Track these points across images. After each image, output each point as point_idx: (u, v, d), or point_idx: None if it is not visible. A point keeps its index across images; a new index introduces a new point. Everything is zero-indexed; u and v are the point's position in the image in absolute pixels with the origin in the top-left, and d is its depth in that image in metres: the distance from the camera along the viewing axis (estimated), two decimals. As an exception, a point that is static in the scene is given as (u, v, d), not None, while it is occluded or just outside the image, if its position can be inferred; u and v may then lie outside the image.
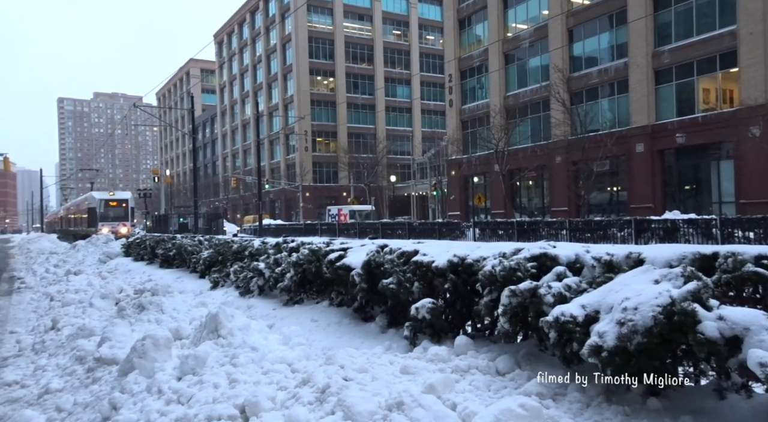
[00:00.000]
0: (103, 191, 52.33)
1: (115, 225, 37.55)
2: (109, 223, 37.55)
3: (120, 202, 39.51)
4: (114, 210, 38.89)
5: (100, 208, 38.35)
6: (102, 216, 38.19)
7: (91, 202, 39.63)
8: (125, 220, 38.71)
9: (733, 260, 3.05)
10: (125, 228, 37.29)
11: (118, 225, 37.70)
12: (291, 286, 7.18)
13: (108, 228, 36.21)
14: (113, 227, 37.03)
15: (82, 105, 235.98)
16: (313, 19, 64.16)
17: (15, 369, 5.90)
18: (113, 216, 38.65)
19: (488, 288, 4.12)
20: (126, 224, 38.12)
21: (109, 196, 40.17)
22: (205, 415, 3.53)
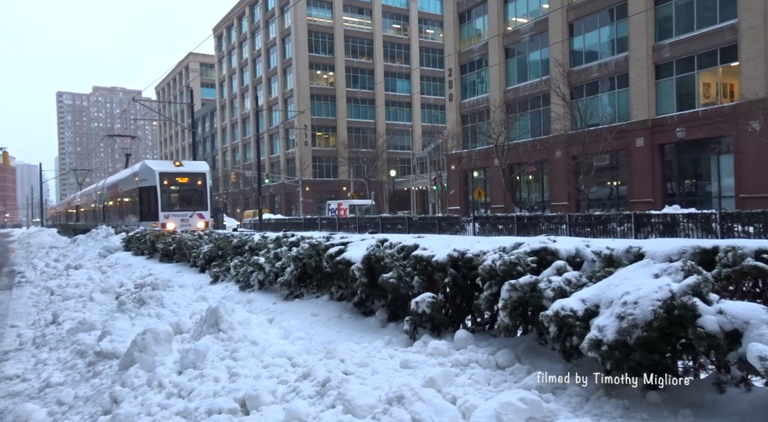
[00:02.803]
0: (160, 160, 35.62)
1: (186, 215, 23.65)
2: (176, 214, 23.49)
3: (193, 178, 24.40)
4: (183, 190, 24.33)
5: (161, 188, 23.49)
6: (165, 202, 23.66)
7: (145, 177, 24.18)
8: (201, 208, 24.12)
9: (733, 254, 3.05)
10: (202, 221, 23.87)
11: (191, 216, 23.72)
12: (291, 281, 7.19)
13: (174, 223, 22.70)
14: (184, 220, 23.47)
15: (81, 99, 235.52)
16: (313, 12, 63.90)
17: (16, 363, 5.91)
18: (182, 200, 24.18)
19: (488, 282, 4.13)
20: (203, 215, 24.12)
21: (175, 168, 24.45)
22: (205, 409, 3.54)
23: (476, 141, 39.74)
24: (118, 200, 30.29)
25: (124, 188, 28.44)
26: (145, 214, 24.10)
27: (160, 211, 23.21)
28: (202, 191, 24.63)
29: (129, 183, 26.78)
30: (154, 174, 23.65)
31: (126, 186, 27.73)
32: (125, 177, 28.68)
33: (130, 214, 26.75)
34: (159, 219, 22.87)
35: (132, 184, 25.90)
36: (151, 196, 23.70)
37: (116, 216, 30.96)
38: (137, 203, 25.07)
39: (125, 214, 28.25)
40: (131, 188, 26.19)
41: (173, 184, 24.10)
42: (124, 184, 28.54)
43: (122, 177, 29.95)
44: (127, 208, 27.92)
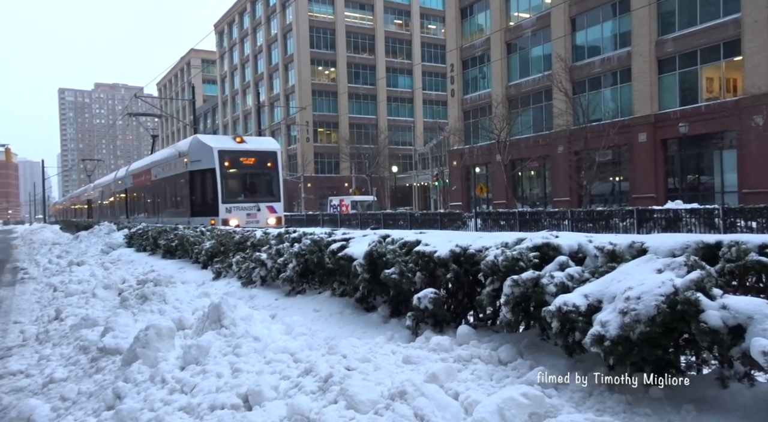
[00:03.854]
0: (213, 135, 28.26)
1: (252, 208, 18.00)
2: (240, 206, 17.89)
3: (261, 159, 18.77)
4: (250, 175, 18.69)
5: (221, 172, 17.76)
6: (228, 191, 17.98)
7: (198, 157, 18.42)
8: (272, 198, 18.68)
9: (736, 249, 3.04)
10: (273, 216, 18.36)
11: (259, 208, 18.14)
12: (293, 277, 7.19)
13: (238, 219, 17.33)
14: (250, 214, 17.96)
15: (83, 96, 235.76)
16: (314, 8, 63.75)
17: (19, 359, 5.93)
18: (248, 188, 18.59)
19: (490, 278, 4.12)
20: (274, 207, 18.58)
21: (236, 145, 18.61)
22: (208, 404, 3.54)
23: (478, 137, 39.67)
24: (153, 190, 23.99)
25: (162, 174, 22.04)
26: (199, 207, 18.39)
27: (220, 203, 17.19)
28: (273, 176, 18.78)
29: (172, 166, 20.66)
30: (212, 153, 17.43)
31: (167, 170, 21.45)
32: (165, 158, 22.10)
33: (173, 207, 21.05)
34: (219, 214, 17.05)
35: (177, 168, 19.91)
36: (208, 183, 17.86)
37: (148, 211, 24.99)
38: (185, 193, 19.27)
39: (164, 207, 22.30)
40: (176, 173, 20.13)
41: (236, 165, 18.06)
42: (163, 168, 22.05)
43: (160, 159, 23.13)
44: (169, 200, 21.81)
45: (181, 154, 20.01)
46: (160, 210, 23.14)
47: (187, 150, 19.38)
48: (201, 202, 18.68)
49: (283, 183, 19.65)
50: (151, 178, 24.27)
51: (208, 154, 18.06)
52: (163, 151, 24.81)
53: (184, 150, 19.91)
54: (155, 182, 23.53)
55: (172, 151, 21.87)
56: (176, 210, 21.00)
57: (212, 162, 17.85)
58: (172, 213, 21.23)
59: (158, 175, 23.03)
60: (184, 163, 19.44)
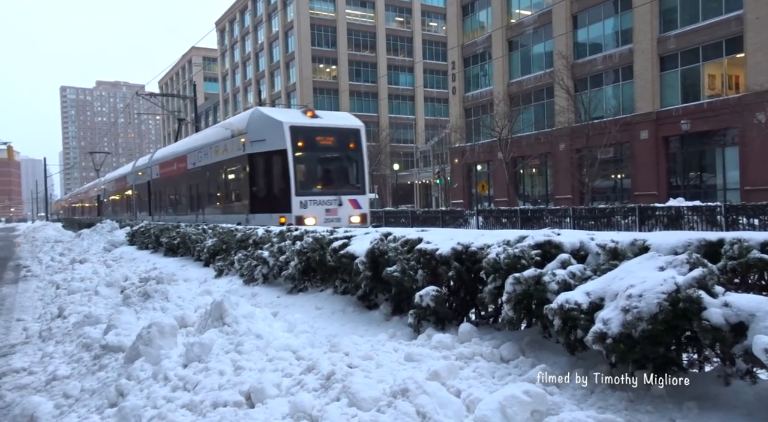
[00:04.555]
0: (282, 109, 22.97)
1: (332, 202, 14.36)
2: (318, 199, 14.24)
3: (342, 138, 15.10)
4: (329, 158, 15.27)
5: (293, 154, 14.04)
6: (303, 179, 14.35)
7: (262, 135, 14.78)
8: (355, 190, 15.01)
9: (738, 247, 3.03)
10: (358, 212, 14.71)
11: (341, 202, 14.46)
12: (295, 274, 7.20)
13: (315, 217, 13.94)
14: (330, 211, 14.28)
15: (84, 93, 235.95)
16: (315, 6, 63.64)
17: (23, 357, 5.95)
18: (327, 177, 15.15)
19: (492, 275, 4.12)
20: (358, 202, 14.81)
21: (309, 119, 14.86)
22: (211, 402, 3.55)
23: (479, 134, 39.63)
24: (190, 181, 19.85)
25: (205, 160, 18.03)
26: (263, 201, 14.55)
27: (293, 196, 13.32)
28: (357, 161, 14.72)
29: (221, 149, 16.57)
30: (281, 129, 13.59)
31: (213, 155, 17.36)
32: (210, 141, 17.87)
33: (223, 202, 16.83)
34: (292, 210, 13.25)
35: (230, 151, 15.95)
36: (276, 169, 14.03)
37: (183, 207, 21.15)
38: (242, 183, 15.34)
39: (208, 202, 18.16)
40: (228, 158, 16.08)
41: (312, 146, 14.07)
42: (206, 152, 18.01)
43: (201, 141, 18.88)
44: (216, 193, 17.66)
45: (236, 132, 15.63)
46: (200, 205, 19.11)
47: (246, 127, 15.13)
48: (266, 194, 14.60)
49: (366, 165, 15.06)
50: (187, 166, 20.09)
51: (277, 131, 13.89)
52: (206, 132, 20.08)
53: (240, 127, 15.54)
54: (194, 171, 19.31)
55: (220, 131, 17.51)
56: (227, 205, 16.79)
57: (282, 141, 13.69)
58: (219, 210, 17.35)
59: (199, 162, 18.82)
60: (240, 144, 15.20)
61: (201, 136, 20.77)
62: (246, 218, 14.88)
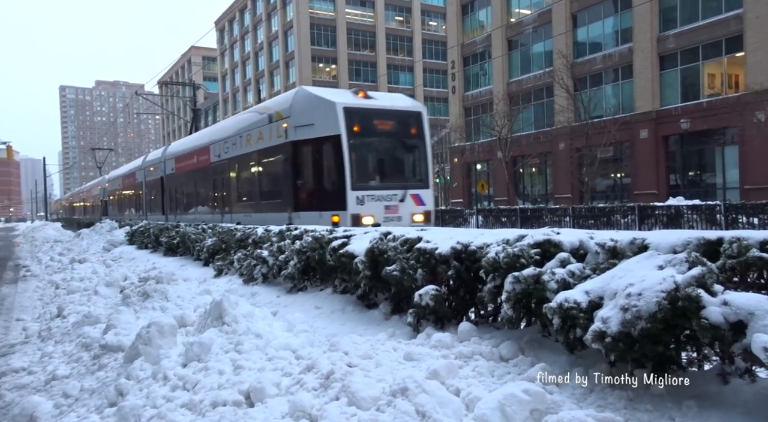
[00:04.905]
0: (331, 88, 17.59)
1: (393, 197, 11.97)
2: (376, 194, 11.83)
3: (402, 122, 12.69)
4: (388, 147, 12.87)
5: (349, 141, 11.64)
6: (360, 171, 12.08)
7: (309, 119, 12.32)
8: (418, 184, 12.65)
9: (737, 245, 3.03)
10: (421, 210, 12.33)
11: (402, 198, 12.07)
12: (294, 274, 7.20)
13: (373, 215, 11.58)
14: (390, 208, 11.94)
15: (84, 93, 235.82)
16: (315, 5, 63.61)
17: (22, 356, 5.95)
18: (386, 168, 12.89)
19: (492, 274, 4.12)
20: (422, 197, 12.37)
21: (363, 100, 12.53)
22: (210, 401, 3.55)
23: (479, 133, 39.64)
24: (216, 175, 17.66)
25: (235, 150, 15.84)
26: (310, 197, 12.37)
27: (349, 190, 11.38)
28: (419, 149, 12.69)
29: (256, 137, 14.46)
30: (334, 111, 11.60)
31: (245, 144, 15.17)
32: (242, 127, 15.64)
33: (258, 199, 14.73)
34: (348, 207, 11.29)
35: (267, 138, 13.79)
36: (327, 159, 11.97)
37: (204, 205, 19.07)
38: (283, 175, 13.14)
39: (239, 199, 16.05)
40: (265, 147, 13.97)
41: (370, 132, 12.14)
42: (236, 141, 15.85)
43: (231, 130, 16.54)
44: (249, 188, 15.62)
45: (275, 117, 13.45)
46: (227, 203, 16.99)
47: (289, 110, 12.86)
48: (314, 189, 12.38)
49: (430, 157, 12.91)
50: (209, 158, 17.83)
51: (329, 114, 11.74)
52: (235, 119, 17.60)
53: (281, 110, 13.30)
54: (219, 164, 17.12)
55: (253, 116, 15.21)
56: (262, 202, 14.57)
57: (335, 125, 11.55)
58: (251, 208, 15.17)
59: (225, 153, 16.59)
60: (280, 130, 13.05)
61: (229, 123, 17.78)
62: (288, 217, 12.56)
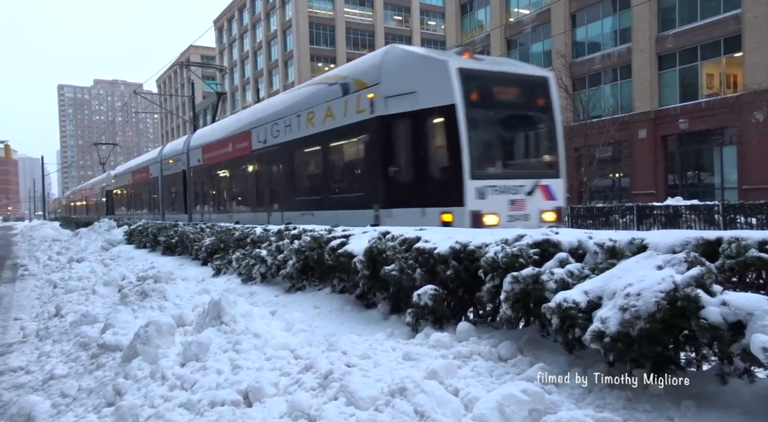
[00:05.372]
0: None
1: (520, 189, 9.10)
2: (501, 186, 8.88)
3: (528, 92, 9.77)
4: (512, 122, 9.87)
5: (467, 113, 8.64)
6: (481, 154, 9.15)
7: (409, 86, 9.30)
8: (549, 171, 9.85)
9: (736, 245, 3.03)
10: (552, 206, 9.52)
11: (531, 190, 9.19)
12: (293, 273, 7.19)
13: (497, 213, 8.76)
14: (516, 203, 9.02)
15: (82, 92, 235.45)
16: (314, 4, 63.58)
17: (20, 356, 5.94)
18: (511, 150, 10.27)
19: (490, 274, 4.12)
20: (552, 190, 9.57)
21: (477, 63, 9.45)
22: (208, 401, 3.55)
23: (478, 133, 39.63)
24: (259, 165, 14.96)
25: (292, 133, 12.87)
26: (409, 189, 9.66)
27: (466, 179, 8.84)
28: (549, 127, 10.22)
29: (325, 113, 11.56)
30: (447, 74, 8.96)
31: (307, 125, 12.24)
32: (303, 101, 12.67)
33: (325, 193, 11.80)
34: (466, 201, 8.82)
35: (345, 113, 10.93)
36: (436, 138, 9.43)
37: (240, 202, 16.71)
38: (370, 160, 10.43)
39: (294, 194, 13.15)
40: (342, 125, 11.05)
41: (491, 103, 9.58)
42: (294, 122, 12.82)
43: (284, 106, 13.68)
44: (310, 180, 12.86)
45: (353, 85, 10.61)
46: (279, 199, 13.98)
47: (378, 75, 9.95)
48: (414, 178, 9.47)
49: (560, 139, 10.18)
50: (251, 145, 14.96)
51: (438, 77, 9.00)
52: (286, 96, 14.46)
53: (363, 76, 10.45)
54: (267, 151, 14.18)
55: (319, 89, 12.09)
56: (332, 197, 11.51)
57: (448, 93, 8.76)
58: (316, 204, 12.12)
59: (275, 138, 13.65)
60: (363, 102, 10.19)
61: (279, 101, 14.69)
62: (374, 216, 9.90)
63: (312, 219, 11.64)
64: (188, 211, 20.68)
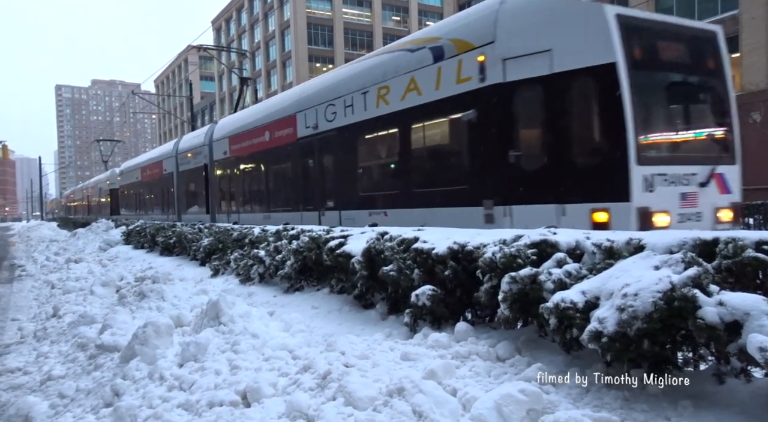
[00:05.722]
0: None
1: (691, 181, 7.05)
2: (673, 174, 6.82)
3: (697, 52, 7.58)
4: (681, 89, 7.54)
5: (630, 74, 6.54)
6: (647, 136, 6.82)
7: (540, 41, 7.14)
8: (724, 155, 8.09)
9: (733, 246, 3.05)
10: (728, 202, 7.95)
11: (707, 180, 7.28)
12: (291, 274, 7.20)
13: (667, 214, 6.67)
14: (688, 198, 6.98)
15: (80, 92, 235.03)
16: (312, 5, 63.58)
17: (17, 356, 5.93)
18: (682, 129, 7.64)
19: (489, 275, 4.13)
20: (727, 183, 8.01)
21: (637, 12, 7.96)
22: (207, 401, 3.55)
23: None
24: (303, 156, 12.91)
25: (359, 113, 10.70)
26: (543, 180, 7.41)
27: (632, 164, 6.56)
28: (721, 96, 8.18)
29: (410, 86, 9.38)
30: (603, 21, 6.75)
31: (383, 102, 10.06)
32: (377, 70, 10.38)
33: (404, 187, 9.84)
34: (631, 195, 6.56)
35: (433, 85, 8.86)
36: (583, 109, 7.55)
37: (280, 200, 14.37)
38: (479, 143, 8.09)
39: (361, 188, 11.13)
40: (433, 99, 8.85)
41: (655, 64, 7.32)
42: (360, 100, 10.64)
43: (344, 78, 11.65)
44: (383, 170, 10.77)
45: (451, 47, 8.60)
46: (336, 195, 11.85)
47: (491, 31, 7.90)
48: (551, 163, 7.51)
49: None
50: (296, 132, 12.80)
51: (588, 28, 7.19)
52: (354, 66, 11.71)
53: (467, 35, 8.42)
54: (320, 138, 11.87)
55: (396, 56, 9.96)
56: (419, 192, 9.45)
57: (606, 48, 6.94)
58: (394, 200, 9.95)
59: (331, 122, 11.49)
60: (470, 67, 8.15)
61: (334, 77, 12.29)
62: (487, 215, 7.88)
63: (385, 220, 9.61)
64: (210, 211, 18.41)
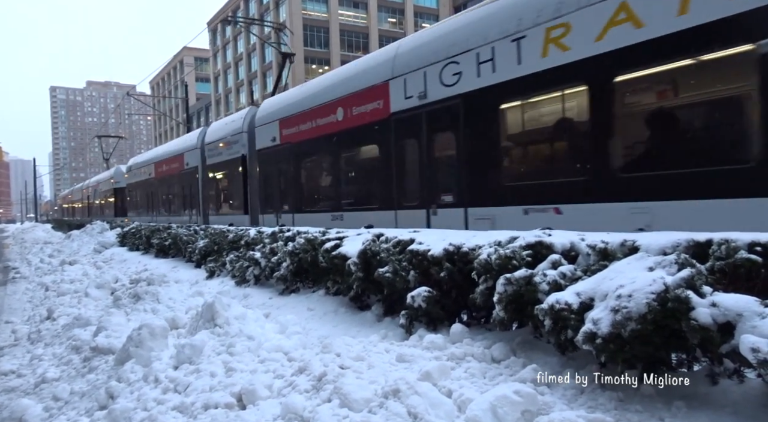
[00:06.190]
0: None
1: None
2: None
3: None
4: None
5: None
6: None
7: None
8: None
9: (726, 247, 3.06)
10: None
11: None
12: (287, 275, 7.19)
13: None
14: None
15: (75, 94, 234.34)
16: (308, 6, 63.62)
17: (11, 359, 5.91)
18: None
19: (484, 276, 4.14)
20: None
21: None
22: (202, 403, 3.54)
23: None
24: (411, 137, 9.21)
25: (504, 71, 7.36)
26: None
27: None
28: None
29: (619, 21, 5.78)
30: None
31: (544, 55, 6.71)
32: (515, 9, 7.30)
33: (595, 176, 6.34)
34: None
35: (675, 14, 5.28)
36: None
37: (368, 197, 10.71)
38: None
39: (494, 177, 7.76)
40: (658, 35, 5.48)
41: None
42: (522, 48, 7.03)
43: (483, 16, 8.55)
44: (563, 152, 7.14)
45: None
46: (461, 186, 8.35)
47: None
48: None
49: None
50: (389, 104, 9.68)
51: None
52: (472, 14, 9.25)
53: None
54: (435, 109, 8.72)
55: None
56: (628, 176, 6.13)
57: None
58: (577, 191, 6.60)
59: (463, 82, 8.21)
60: None
61: (450, 25, 9.42)
62: None
63: (557, 222, 6.56)
64: (249, 211, 15.28)
